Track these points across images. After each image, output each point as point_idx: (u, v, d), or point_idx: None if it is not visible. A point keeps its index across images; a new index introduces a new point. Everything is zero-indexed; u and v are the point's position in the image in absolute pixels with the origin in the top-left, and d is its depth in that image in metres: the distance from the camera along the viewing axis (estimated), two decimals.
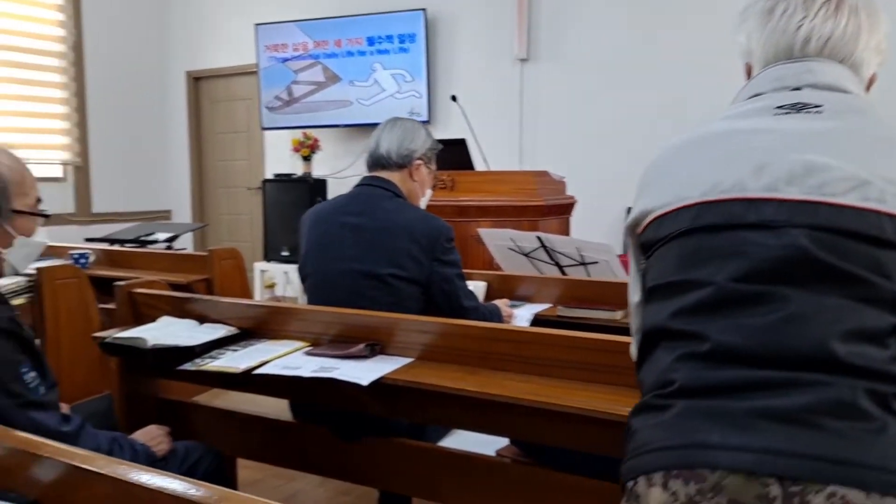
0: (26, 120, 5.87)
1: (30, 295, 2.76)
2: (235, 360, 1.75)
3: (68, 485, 0.94)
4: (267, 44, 6.00)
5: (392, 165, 2.15)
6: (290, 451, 2.08)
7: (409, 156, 2.16)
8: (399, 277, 1.97)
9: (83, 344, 2.84)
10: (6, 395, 1.28)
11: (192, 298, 2.11)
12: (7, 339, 1.32)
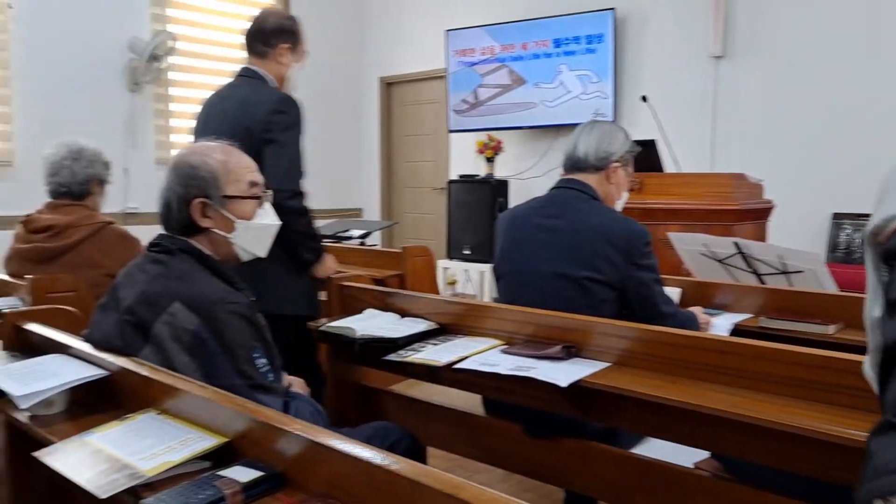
0: None
1: None
2: (436, 354, 1.84)
3: (310, 460, 1.04)
4: (456, 49, 6.19)
5: (589, 168, 2.15)
6: (478, 443, 2.15)
7: (607, 158, 2.15)
8: (594, 280, 1.98)
9: None
10: (239, 374, 1.43)
11: (395, 293, 2.24)
12: (245, 324, 1.47)
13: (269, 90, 2.46)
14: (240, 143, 2.14)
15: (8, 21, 5.07)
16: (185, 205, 1.55)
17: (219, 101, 2.51)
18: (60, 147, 2.67)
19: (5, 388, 1.39)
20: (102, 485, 1.08)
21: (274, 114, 2.35)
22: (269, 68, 2.52)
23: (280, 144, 2.37)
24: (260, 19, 2.52)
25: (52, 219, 2.63)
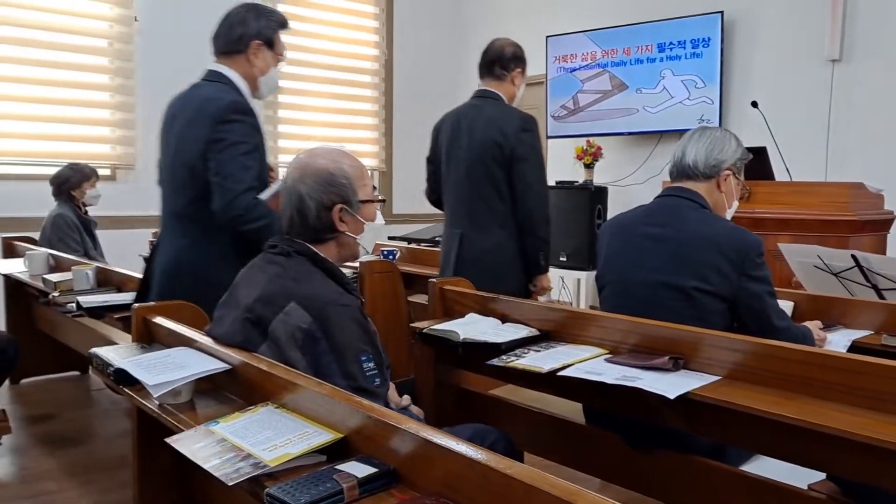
0: (340, 130, 6.68)
1: None
2: (539, 361, 1.84)
3: (424, 458, 1.07)
4: (556, 55, 6.16)
5: (698, 176, 2.09)
6: (577, 451, 2.13)
7: (718, 166, 2.08)
8: (703, 291, 1.92)
9: (394, 330, 3.19)
10: (344, 375, 1.48)
11: (496, 298, 2.26)
12: (356, 326, 1.52)
13: (511, 109, 2.77)
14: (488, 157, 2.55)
15: (134, 33, 5.41)
16: (326, 210, 1.60)
17: (462, 119, 2.80)
18: None
19: (139, 377, 1.49)
20: (229, 472, 1.14)
21: (522, 132, 2.65)
22: (504, 89, 2.82)
23: (530, 163, 2.68)
24: (498, 47, 2.86)
25: None
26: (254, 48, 2.29)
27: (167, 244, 2.32)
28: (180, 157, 2.22)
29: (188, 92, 2.30)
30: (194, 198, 2.18)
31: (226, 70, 2.29)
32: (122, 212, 5.21)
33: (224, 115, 2.13)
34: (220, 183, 2.10)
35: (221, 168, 2.10)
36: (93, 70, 5.32)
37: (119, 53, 5.39)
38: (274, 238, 1.67)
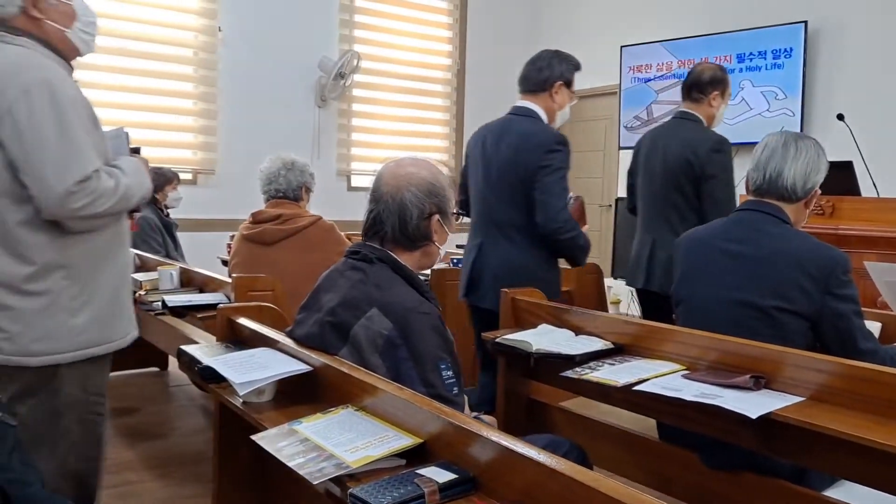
0: (412, 139, 6.76)
1: None
2: (614, 374, 1.82)
3: (504, 466, 1.08)
4: (631, 65, 6.10)
5: (795, 198, 2.00)
6: (650, 468, 2.10)
7: (813, 187, 1.99)
8: (784, 310, 1.86)
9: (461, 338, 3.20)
10: (422, 382, 1.50)
11: (570, 310, 2.25)
12: (436, 334, 1.55)
13: (706, 132, 2.92)
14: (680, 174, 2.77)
15: (217, 44, 5.62)
16: (425, 219, 1.64)
17: (659, 139, 3.02)
18: (276, 160, 3.10)
19: (226, 375, 1.55)
20: (312, 471, 1.18)
21: (714, 153, 2.81)
22: (702, 111, 2.96)
23: (719, 181, 2.84)
24: (697, 72, 3.00)
25: (278, 210, 2.99)
26: (556, 88, 2.71)
27: (493, 249, 2.69)
28: (508, 177, 2.62)
29: (503, 123, 2.77)
30: (521, 211, 2.59)
31: (532, 105, 2.73)
32: (202, 215, 5.41)
33: (551, 146, 2.58)
34: (544, 200, 2.53)
35: (546, 188, 2.54)
36: (178, 78, 5.55)
37: (203, 63, 5.60)
38: (356, 244, 1.71)
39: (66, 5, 1.82)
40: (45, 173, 1.65)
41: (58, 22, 1.81)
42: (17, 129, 1.65)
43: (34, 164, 1.65)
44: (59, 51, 1.82)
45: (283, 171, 3.08)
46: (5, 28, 1.76)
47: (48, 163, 1.65)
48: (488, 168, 2.72)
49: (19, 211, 1.70)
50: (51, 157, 1.66)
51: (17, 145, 1.65)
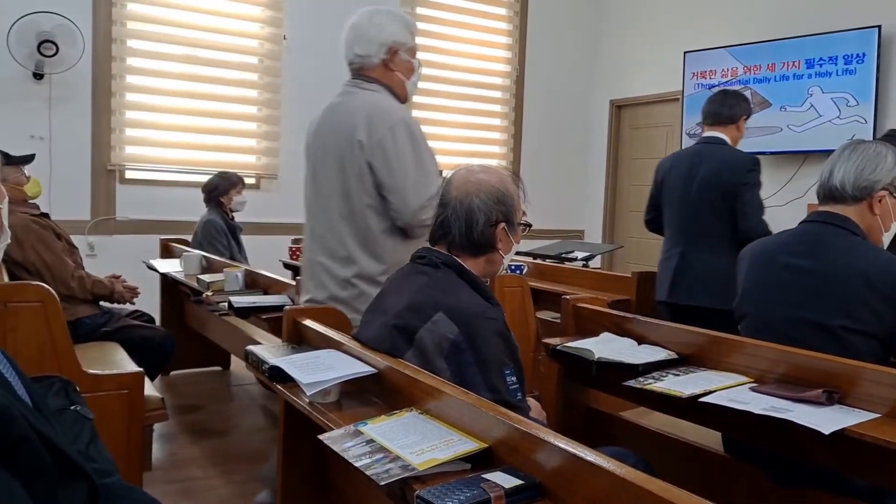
0: (470, 145, 6.77)
1: None
2: (679, 385, 1.79)
3: (571, 474, 1.07)
4: (694, 71, 5.99)
5: (846, 198, 1.94)
6: (714, 483, 2.05)
7: (870, 187, 1.91)
8: (852, 330, 1.78)
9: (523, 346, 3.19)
10: (488, 387, 1.51)
11: (633, 319, 2.22)
12: (501, 340, 1.55)
13: (738, 152, 3.22)
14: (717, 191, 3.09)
15: (282, 51, 5.75)
16: (491, 227, 1.65)
17: (694, 157, 3.25)
18: None
19: (294, 375, 1.58)
20: (379, 473, 1.19)
21: (748, 172, 3.09)
22: (729, 133, 3.25)
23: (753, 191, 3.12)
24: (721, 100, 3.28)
25: None
26: (741, 121, 3.26)
27: (696, 255, 3.15)
28: (710, 195, 3.11)
29: (698, 151, 3.26)
30: (724, 222, 3.09)
31: (721, 135, 3.23)
32: (265, 219, 5.52)
33: (750, 167, 3.08)
34: (746, 212, 3.04)
35: (747, 202, 3.05)
36: (244, 85, 5.69)
37: (268, 70, 5.73)
38: (421, 249, 1.73)
39: (410, 62, 2.34)
40: (406, 192, 2.13)
41: (403, 74, 2.31)
42: (386, 158, 2.13)
43: (398, 185, 2.13)
44: (397, 96, 2.30)
45: None
46: (361, 76, 2.29)
47: (409, 184, 2.13)
48: (687, 188, 3.19)
49: (381, 221, 2.18)
50: (410, 179, 2.13)
51: (386, 171, 2.13)
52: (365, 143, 2.14)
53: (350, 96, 2.27)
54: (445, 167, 4.48)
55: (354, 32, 2.29)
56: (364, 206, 2.17)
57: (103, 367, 2.61)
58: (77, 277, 3.29)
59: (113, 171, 5.23)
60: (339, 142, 2.20)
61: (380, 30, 2.25)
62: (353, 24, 2.31)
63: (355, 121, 2.16)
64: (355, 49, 2.28)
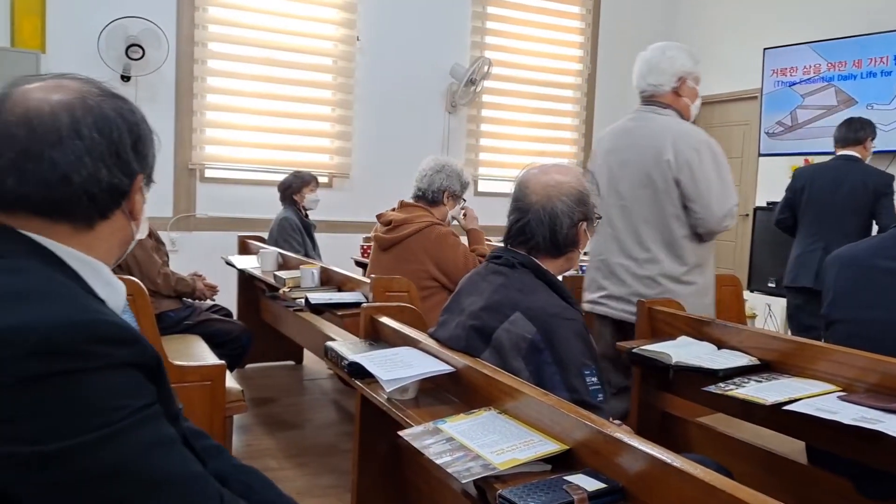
0: (540, 144, 6.73)
1: None
2: (762, 392, 1.74)
3: (655, 479, 1.06)
4: (774, 67, 5.80)
5: None
6: (796, 493, 1.99)
7: None
8: None
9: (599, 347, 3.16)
10: (567, 388, 1.50)
11: (712, 322, 2.18)
12: (580, 341, 1.54)
13: (873, 168, 4.02)
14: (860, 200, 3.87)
15: (355, 52, 5.84)
16: (574, 227, 1.65)
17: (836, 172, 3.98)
18: (431, 160, 3.24)
19: (374, 372, 1.61)
20: (460, 471, 1.20)
21: (887, 185, 3.85)
22: (860, 152, 3.98)
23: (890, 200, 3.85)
24: (851, 126, 4.02)
25: (394, 215, 3.08)
26: (867, 142, 3.99)
27: None
28: (855, 199, 3.86)
29: (838, 166, 3.99)
30: (862, 221, 3.88)
31: (854, 153, 3.97)
32: (336, 217, 5.63)
33: (889, 181, 3.90)
34: (885, 213, 3.82)
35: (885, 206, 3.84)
36: (318, 86, 5.81)
37: (341, 70, 5.84)
38: (498, 249, 1.74)
39: (695, 88, 2.64)
40: (711, 203, 2.46)
41: (689, 98, 2.62)
42: (692, 174, 2.46)
43: (703, 197, 2.47)
44: (683, 118, 2.62)
45: (430, 172, 3.16)
46: (653, 102, 2.61)
47: (713, 197, 2.46)
48: (833, 194, 3.91)
49: (682, 228, 2.51)
50: (714, 192, 2.47)
51: (692, 185, 2.47)
52: (672, 162, 2.47)
53: (647, 121, 2.60)
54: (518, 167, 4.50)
55: (648, 65, 2.62)
56: (669, 215, 2.51)
57: (187, 359, 2.71)
58: (163, 274, 3.43)
59: (194, 169, 5.42)
60: (645, 160, 2.53)
61: (672, 62, 2.59)
62: (646, 58, 2.64)
63: (661, 143, 2.49)
64: (648, 79, 2.60)
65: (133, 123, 0.97)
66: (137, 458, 0.80)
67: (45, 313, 0.80)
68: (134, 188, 0.98)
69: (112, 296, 0.97)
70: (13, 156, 0.89)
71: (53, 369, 0.77)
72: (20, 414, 0.76)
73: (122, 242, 1.02)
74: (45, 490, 0.77)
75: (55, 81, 0.95)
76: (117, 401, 0.80)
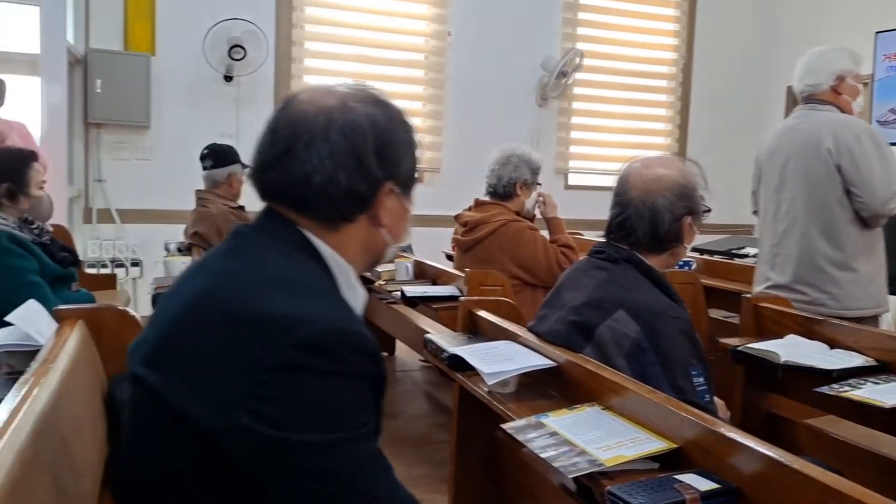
0: (633, 136, 6.59)
1: None
2: (879, 394, 1.66)
3: (773, 481, 1.03)
4: (887, 52, 5.48)
5: None
6: None
7: None
8: None
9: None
10: (672, 387, 1.47)
11: (824, 321, 2.09)
12: (685, 339, 1.51)
13: None
14: None
15: (446, 47, 5.88)
16: (677, 222, 1.62)
17: None
18: (496, 153, 3.09)
19: (475, 365, 1.63)
20: (566, 465, 1.20)
21: None
22: None
23: None
24: None
25: (470, 215, 3.07)
26: None
27: None
28: None
29: None
30: None
31: None
32: (427, 211, 5.68)
33: None
34: None
35: None
36: (409, 82, 5.88)
37: (433, 66, 5.89)
38: (600, 244, 1.72)
39: (856, 86, 2.70)
40: (874, 187, 2.49)
41: (849, 96, 2.68)
42: (853, 159, 2.51)
43: (866, 181, 2.49)
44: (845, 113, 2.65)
45: (496, 167, 3.11)
46: (812, 100, 2.67)
47: (876, 181, 2.49)
48: None
49: (846, 213, 2.54)
50: (878, 177, 2.50)
51: (854, 169, 2.50)
52: (833, 150, 2.53)
53: (807, 118, 2.66)
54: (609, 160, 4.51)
55: (805, 68, 2.71)
56: (831, 201, 2.55)
57: None
58: None
59: None
60: (806, 152, 2.60)
61: (828, 62, 2.66)
62: (803, 61, 2.73)
63: (820, 134, 2.56)
64: (806, 80, 2.68)
65: (383, 130, 1.00)
66: (357, 468, 0.84)
67: (318, 311, 0.85)
68: (379, 194, 1.00)
69: (353, 300, 1.00)
70: (278, 151, 0.97)
71: (312, 365, 0.82)
72: (269, 395, 0.81)
73: (370, 248, 1.03)
74: (266, 469, 0.82)
75: (329, 87, 1.02)
76: (354, 411, 0.85)
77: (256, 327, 0.83)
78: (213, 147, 3.60)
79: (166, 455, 0.87)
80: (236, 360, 0.83)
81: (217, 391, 0.83)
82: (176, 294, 0.98)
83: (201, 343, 0.87)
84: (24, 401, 1.10)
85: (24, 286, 2.26)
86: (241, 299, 0.87)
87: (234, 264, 0.94)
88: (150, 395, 0.89)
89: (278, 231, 0.97)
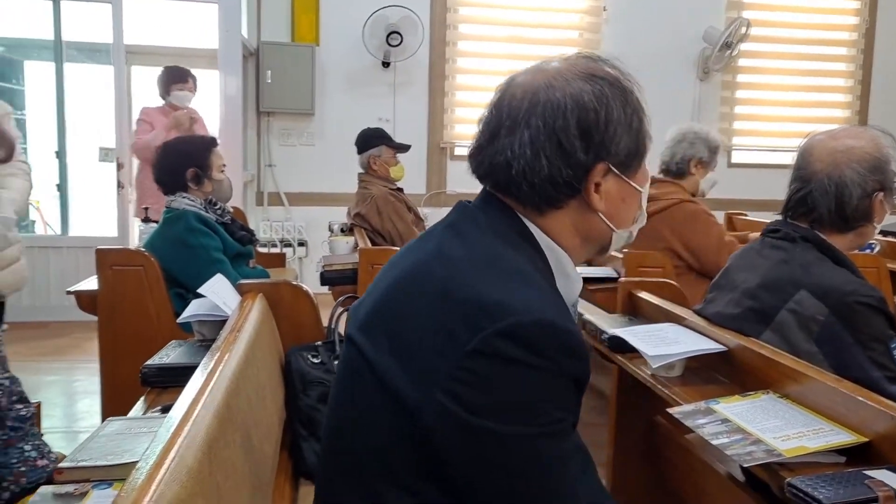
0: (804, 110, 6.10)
1: None
2: None
3: None
4: None
5: None
6: None
7: None
8: None
9: None
10: (877, 366, 1.36)
11: None
12: (880, 314, 1.39)
13: None
14: None
15: (601, 23, 5.72)
16: (867, 198, 1.49)
17: None
18: (674, 129, 2.98)
19: (639, 347, 1.58)
20: (741, 454, 1.14)
21: None
22: None
23: None
24: None
25: None
26: None
27: None
28: None
29: None
30: None
31: None
32: None
33: None
34: None
35: None
36: None
37: (587, 43, 5.75)
38: (775, 222, 1.61)
39: None
40: None
41: None
42: None
43: None
44: None
45: (672, 143, 2.97)
46: None
47: None
48: None
49: None
50: None
51: None
52: None
53: None
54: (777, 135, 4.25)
55: None
56: None
57: None
58: None
59: (445, 148, 5.69)
60: None
61: None
62: None
63: None
64: None
65: (589, 110, 0.92)
66: (542, 465, 0.83)
67: (528, 302, 0.84)
68: (589, 177, 0.94)
69: (567, 288, 0.97)
70: (486, 136, 0.96)
71: (511, 355, 0.81)
72: (466, 379, 0.82)
73: (589, 235, 0.98)
74: (452, 448, 0.83)
75: (545, 62, 0.98)
76: (549, 406, 0.83)
77: (466, 309, 0.83)
78: (359, 133, 3.75)
79: (369, 418, 0.90)
80: (442, 338, 0.83)
81: (420, 365, 0.85)
82: (398, 261, 1.00)
83: (413, 315, 0.88)
84: (217, 364, 1.20)
85: (210, 262, 2.46)
86: (457, 280, 0.87)
87: (453, 242, 0.93)
88: (360, 357, 0.93)
89: (494, 214, 0.95)
